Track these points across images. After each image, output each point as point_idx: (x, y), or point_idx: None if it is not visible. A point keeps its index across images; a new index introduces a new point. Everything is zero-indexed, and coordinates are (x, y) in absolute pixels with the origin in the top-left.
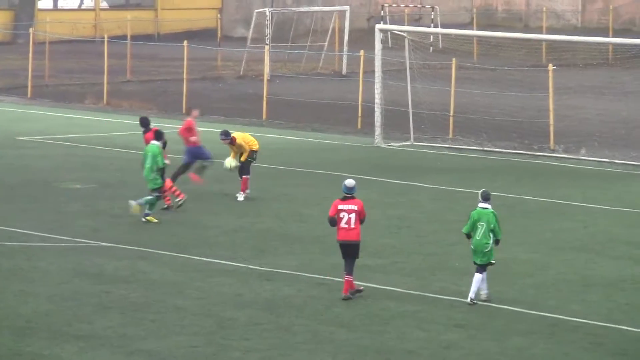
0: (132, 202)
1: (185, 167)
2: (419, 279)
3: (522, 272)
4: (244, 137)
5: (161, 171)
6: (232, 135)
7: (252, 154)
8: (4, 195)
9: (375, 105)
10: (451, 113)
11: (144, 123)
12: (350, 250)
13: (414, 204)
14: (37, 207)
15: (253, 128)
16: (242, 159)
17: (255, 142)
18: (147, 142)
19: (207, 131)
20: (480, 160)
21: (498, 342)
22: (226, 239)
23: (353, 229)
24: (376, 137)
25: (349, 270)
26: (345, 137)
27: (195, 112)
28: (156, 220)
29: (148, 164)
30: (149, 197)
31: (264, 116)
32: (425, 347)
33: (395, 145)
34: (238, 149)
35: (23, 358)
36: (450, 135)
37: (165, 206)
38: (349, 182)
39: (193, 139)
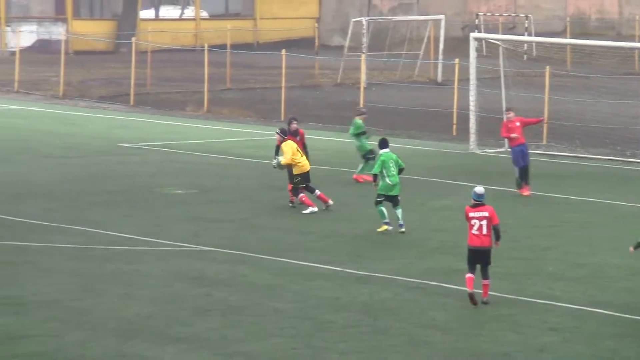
0: (402, 228)
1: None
2: (513, 283)
3: (615, 277)
4: (293, 151)
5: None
6: (286, 138)
7: (296, 176)
8: (106, 201)
9: (470, 112)
10: (545, 120)
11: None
12: (481, 256)
13: (507, 209)
14: (138, 212)
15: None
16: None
17: (303, 163)
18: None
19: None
20: (573, 166)
21: (591, 345)
22: (322, 243)
23: (485, 235)
24: (471, 143)
25: (485, 275)
26: (441, 143)
27: (511, 114)
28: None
29: (394, 171)
30: (381, 208)
31: None
32: (519, 349)
33: (489, 151)
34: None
35: (126, 359)
36: (544, 142)
37: (292, 204)
38: (479, 189)
39: (514, 136)
